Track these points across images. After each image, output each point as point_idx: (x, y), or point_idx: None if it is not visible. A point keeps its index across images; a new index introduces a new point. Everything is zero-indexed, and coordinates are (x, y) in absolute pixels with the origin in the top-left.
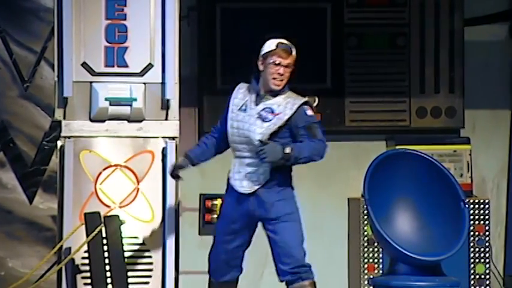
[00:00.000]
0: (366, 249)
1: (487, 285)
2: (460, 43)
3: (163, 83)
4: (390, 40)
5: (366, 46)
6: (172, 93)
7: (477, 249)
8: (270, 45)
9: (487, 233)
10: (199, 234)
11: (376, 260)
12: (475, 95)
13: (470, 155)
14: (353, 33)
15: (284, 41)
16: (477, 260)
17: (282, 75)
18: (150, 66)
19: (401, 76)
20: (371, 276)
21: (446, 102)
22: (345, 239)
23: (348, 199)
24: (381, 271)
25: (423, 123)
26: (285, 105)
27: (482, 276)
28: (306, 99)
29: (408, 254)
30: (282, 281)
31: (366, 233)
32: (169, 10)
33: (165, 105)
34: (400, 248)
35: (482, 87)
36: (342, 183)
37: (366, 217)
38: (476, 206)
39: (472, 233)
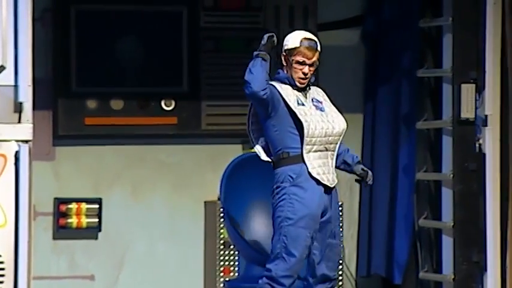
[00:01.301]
0: (221, 252)
1: (340, 286)
2: None
3: (16, 86)
4: (246, 44)
5: (222, 50)
6: (26, 95)
7: None
8: (294, 41)
9: (340, 235)
10: (53, 238)
11: (231, 263)
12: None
13: None
14: (209, 36)
15: (308, 35)
16: None
17: (306, 74)
18: (2, 68)
19: None
20: (226, 279)
21: None
22: (201, 242)
23: (205, 202)
24: (236, 274)
25: None
26: (317, 92)
27: None
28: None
29: (263, 256)
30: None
31: (222, 236)
32: (22, 11)
33: (18, 108)
34: (254, 251)
35: (336, 92)
36: (199, 186)
37: (222, 220)
38: None
39: None
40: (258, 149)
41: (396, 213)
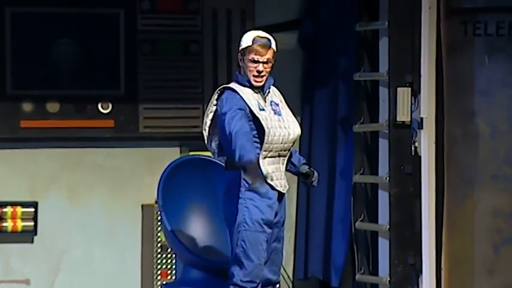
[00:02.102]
0: (159, 256)
1: None
2: None
3: None
4: (183, 47)
5: (160, 53)
6: None
7: None
8: (247, 40)
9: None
10: None
11: (169, 267)
12: None
13: None
14: (146, 39)
15: (261, 33)
16: None
17: (261, 72)
18: None
19: (194, 83)
20: (164, 283)
21: None
22: (138, 246)
23: (142, 205)
24: (173, 277)
25: None
26: (274, 93)
27: None
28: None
29: (200, 259)
30: None
31: (159, 240)
32: None
33: None
34: (192, 254)
35: None
36: (136, 189)
37: (159, 223)
38: None
39: None
40: (213, 148)
41: (333, 216)
